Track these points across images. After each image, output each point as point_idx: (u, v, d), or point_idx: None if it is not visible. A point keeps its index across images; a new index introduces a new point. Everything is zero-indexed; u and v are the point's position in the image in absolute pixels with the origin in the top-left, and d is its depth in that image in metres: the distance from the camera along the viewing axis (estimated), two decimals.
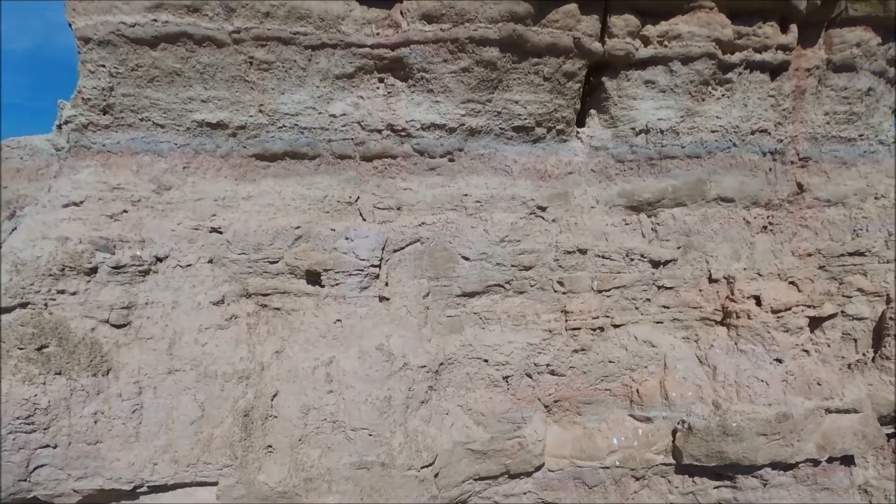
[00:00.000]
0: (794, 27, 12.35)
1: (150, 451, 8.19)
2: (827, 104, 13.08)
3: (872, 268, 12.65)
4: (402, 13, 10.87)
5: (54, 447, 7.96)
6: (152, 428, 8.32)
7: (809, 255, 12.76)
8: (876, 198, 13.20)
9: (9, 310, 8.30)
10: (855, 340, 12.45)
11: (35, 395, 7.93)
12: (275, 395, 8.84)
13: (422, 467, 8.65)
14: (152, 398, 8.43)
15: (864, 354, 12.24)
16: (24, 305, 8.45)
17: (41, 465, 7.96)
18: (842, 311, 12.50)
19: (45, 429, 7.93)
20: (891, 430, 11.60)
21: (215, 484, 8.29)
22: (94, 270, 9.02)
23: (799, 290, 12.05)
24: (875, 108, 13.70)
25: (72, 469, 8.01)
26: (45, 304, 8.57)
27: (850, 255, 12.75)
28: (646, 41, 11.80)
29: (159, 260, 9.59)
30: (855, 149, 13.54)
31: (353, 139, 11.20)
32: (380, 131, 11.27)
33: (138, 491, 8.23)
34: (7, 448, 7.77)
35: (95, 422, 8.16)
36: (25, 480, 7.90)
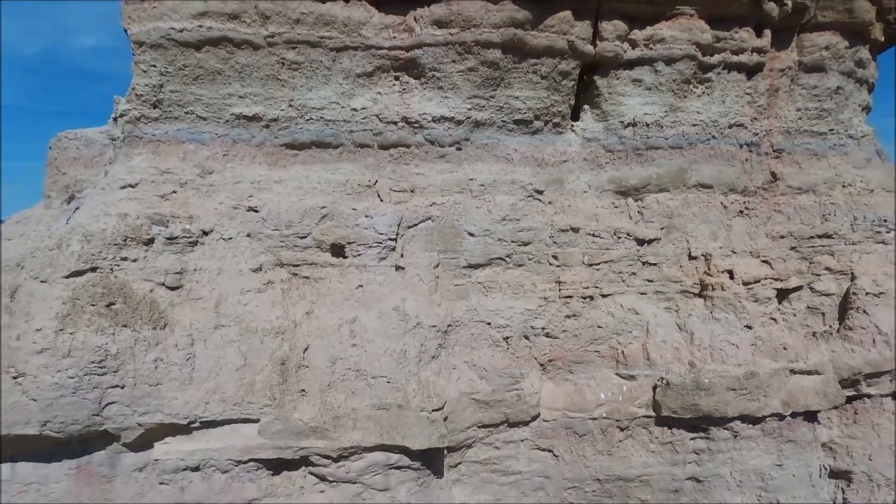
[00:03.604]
0: (767, 32, 13.37)
1: (202, 393, 9.52)
2: (799, 101, 14.01)
3: (839, 249, 13.71)
4: (415, 19, 12.02)
5: (122, 387, 9.29)
6: (203, 373, 9.64)
7: (782, 237, 13.89)
8: (843, 186, 14.26)
9: (81, 273, 9.66)
10: (823, 314, 13.52)
11: (106, 344, 9.27)
12: (306, 349, 10.13)
13: (432, 410, 9.92)
14: (203, 349, 9.76)
15: (830, 326, 13.32)
16: (93, 270, 9.78)
17: (111, 403, 9.26)
18: (811, 288, 13.57)
19: (114, 372, 9.28)
20: (851, 393, 12.82)
21: (257, 421, 9.57)
22: (151, 241, 10.33)
23: (772, 268, 13.28)
24: (844, 105, 14.61)
25: (136, 406, 9.35)
26: (111, 269, 9.90)
27: (819, 237, 13.76)
28: (633, 44, 12.85)
29: (205, 233, 10.84)
30: (825, 142, 14.50)
31: (371, 130, 12.28)
32: (395, 123, 12.34)
33: (191, 426, 9.51)
34: (83, 388, 9.14)
35: (156, 367, 9.50)
36: (98, 415, 9.23)
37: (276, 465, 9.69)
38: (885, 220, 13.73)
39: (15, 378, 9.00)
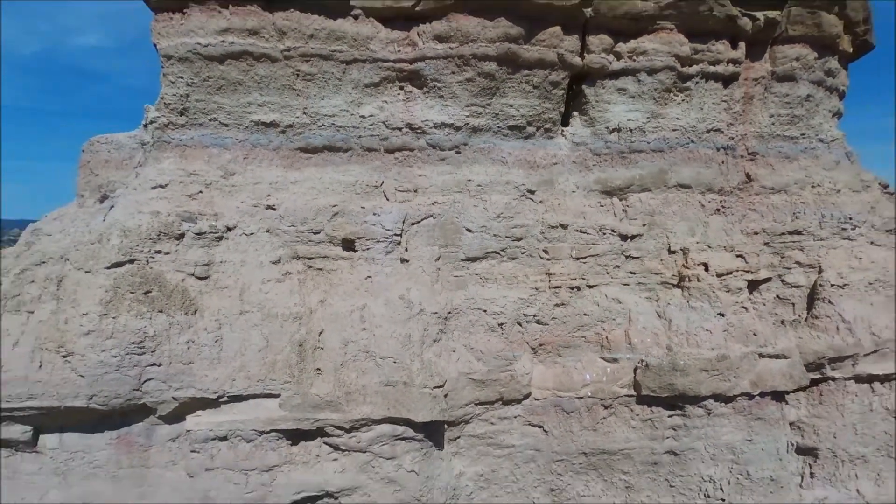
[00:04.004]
0: (742, 44, 14.39)
1: (229, 371, 10.69)
2: (772, 108, 15.05)
3: (808, 244, 14.83)
4: (418, 34, 13.08)
5: (159, 366, 10.46)
6: (230, 353, 10.81)
7: (756, 233, 15.03)
8: (813, 186, 15.35)
9: (121, 264, 10.83)
10: (793, 304, 14.62)
11: (144, 327, 10.45)
12: (321, 332, 11.29)
13: (434, 387, 11.08)
14: (229, 332, 10.93)
15: (799, 315, 14.46)
16: (131, 261, 10.95)
17: (149, 379, 10.44)
18: (782, 280, 14.71)
19: (152, 352, 10.45)
20: (817, 376, 13.97)
21: (278, 396, 10.74)
22: (181, 236, 11.50)
23: (746, 262, 14.45)
24: (815, 112, 15.68)
25: (171, 382, 10.52)
26: (147, 261, 11.07)
27: (790, 233, 14.86)
28: (618, 56, 13.88)
29: (229, 229, 12.01)
30: (797, 146, 15.60)
31: (378, 135, 13.33)
32: (400, 129, 13.38)
33: (220, 400, 10.68)
34: (125, 365, 10.30)
35: (188, 348, 10.67)
36: (138, 390, 10.40)
37: (295, 436, 10.90)
38: (850, 218, 14.90)
39: (64, 357, 10.18)
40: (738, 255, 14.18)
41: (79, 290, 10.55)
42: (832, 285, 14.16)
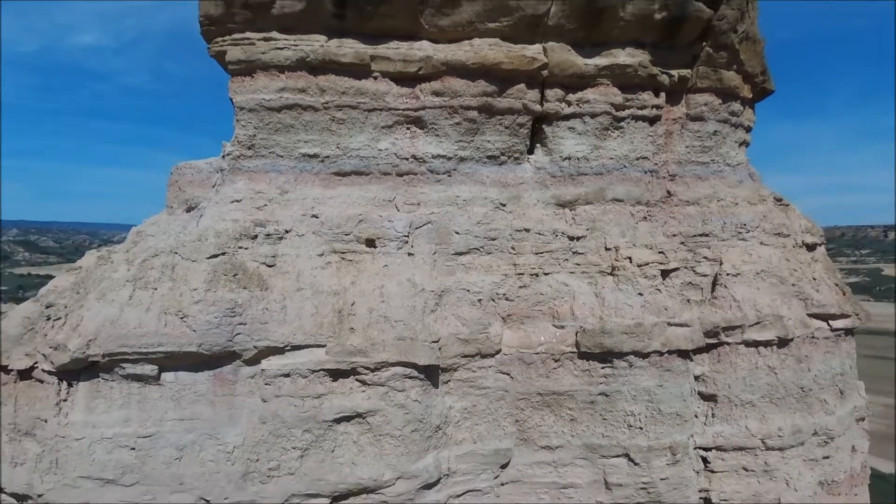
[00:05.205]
0: (663, 94, 17.78)
1: (291, 329, 15.22)
2: (687, 141, 18.55)
3: (713, 244, 18.52)
4: (420, 90, 16.39)
5: (244, 324, 15.01)
6: (291, 317, 15.31)
7: (674, 235, 19.09)
8: (718, 200, 19.07)
9: (216, 256, 15.48)
10: (701, 288, 18.63)
11: (234, 298, 15.00)
12: (353, 303, 15.53)
13: (432, 342, 15.42)
14: (290, 302, 15.47)
15: (705, 297, 19.15)
16: (223, 254, 15.51)
17: (238, 334, 14.90)
18: (693, 270, 19.02)
19: (240, 315, 15.02)
20: (714, 341, 18.40)
21: (324, 346, 15.19)
22: (255, 236, 16.03)
23: (666, 256, 19.11)
24: (722, 143, 19.33)
25: (253, 336, 15.04)
26: (233, 253, 15.65)
27: (700, 235, 18.42)
28: (568, 104, 17.24)
29: (286, 232, 15.96)
30: (707, 169, 19.24)
31: (391, 163, 16.66)
32: (407, 159, 16.69)
33: (285, 349, 14.53)
34: (222, 324, 14.95)
35: (263, 313, 15.28)
36: (230, 341, 14.87)
37: (335, 374, 14.57)
38: (745, 224, 19.31)
39: (181, 318, 14.82)
40: (659, 252, 18.74)
41: (188, 274, 15.25)
42: (728, 274, 18.21)
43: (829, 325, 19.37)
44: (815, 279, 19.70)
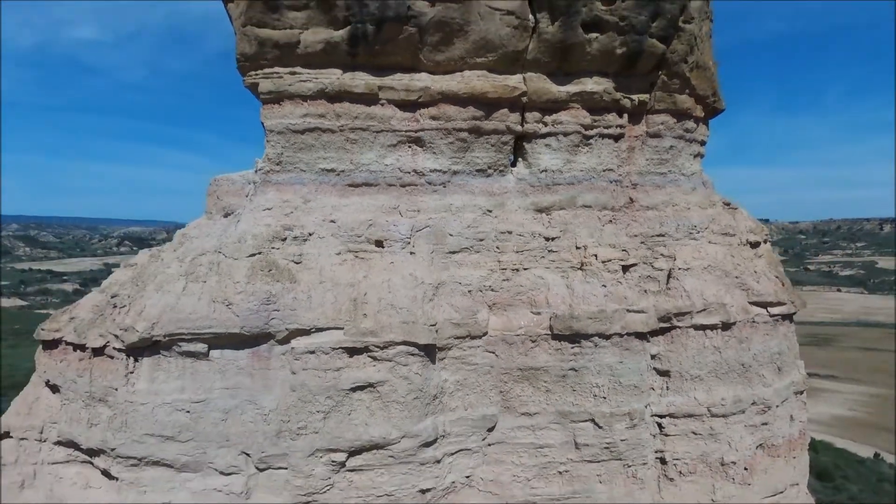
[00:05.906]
0: (625, 115, 19.75)
1: (316, 314, 18.61)
2: (647, 154, 20.57)
3: (669, 243, 21.27)
4: (419, 115, 18.22)
5: (278, 310, 18.34)
6: (315, 305, 18.68)
7: (636, 235, 21.53)
8: (674, 205, 22.02)
9: (254, 255, 18.95)
10: (658, 281, 22.06)
11: (270, 289, 18.30)
12: (365, 294, 18.50)
13: (430, 325, 18.17)
14: (314, 293, 18.79)
15: (661, 288, 22.53)
16: (259, 253, 18.80)
17: (272, 319, 18.18)
18: (651, 266, 22.40)
19: (274, 302, 18.36)
20: (668, 325, 21.82)
21: (342, 329, 18.51)
22: (285, 238, 19.31)
23: (628, 254, 22.47)
24: (678, 156, 21.83)
25: (284, 320, 18.41)
26: (267, 253, 19.08)
27: (658, 236, 20.78)
28: (545, 124, 19.16)
29: (310, 234, 18.51)
30: (665, 178, 21.50)
31: (395, 176, 18.45)
32: (409, 172, 18.52)
33: (311, 331, 17.09)
34: (260, 310, 18.33)
35: (293, 301, 18.59)
36: (266, 325, 18.19)
37: (351, 351, 16.89)
38: (696, 226, 22.64)
39: (227, 305, 18.20)
40: (622, 250, 22.03)
41: (231, 269, 18.60)
42: (680, 269, 20.84)
43: (767, 311, 22.67)
44: (756, 272, 23.01)
